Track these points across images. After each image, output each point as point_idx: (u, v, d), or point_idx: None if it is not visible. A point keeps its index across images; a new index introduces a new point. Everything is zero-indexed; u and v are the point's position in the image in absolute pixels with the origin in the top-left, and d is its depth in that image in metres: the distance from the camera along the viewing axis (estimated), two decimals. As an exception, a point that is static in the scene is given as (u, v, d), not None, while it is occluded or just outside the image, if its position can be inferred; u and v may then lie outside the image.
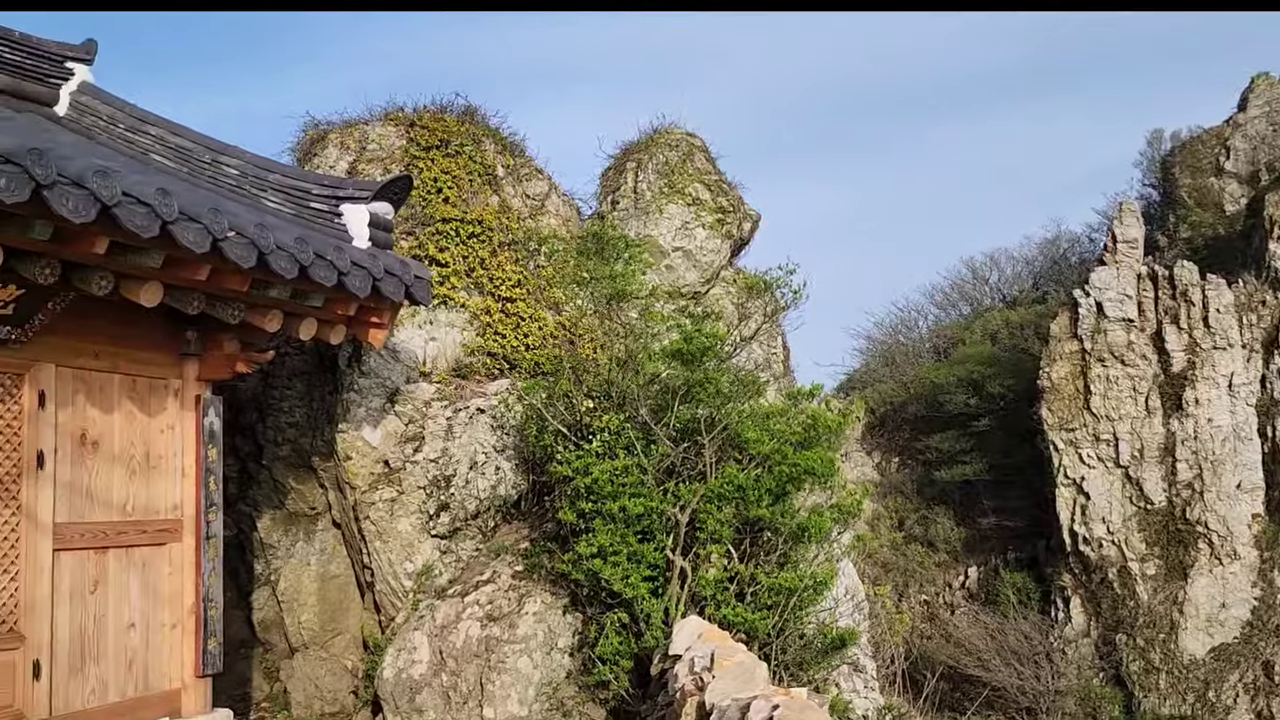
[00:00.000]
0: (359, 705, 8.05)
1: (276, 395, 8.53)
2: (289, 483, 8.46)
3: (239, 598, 8.50)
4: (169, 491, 6.44)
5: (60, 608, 5.66)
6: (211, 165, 7.34)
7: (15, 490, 5.50)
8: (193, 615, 6.40)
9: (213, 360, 6.65)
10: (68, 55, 7.87)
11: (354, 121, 9.64)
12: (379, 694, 7.52)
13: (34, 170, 4.45)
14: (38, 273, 5.04)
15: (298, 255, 5.89)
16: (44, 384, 5.69)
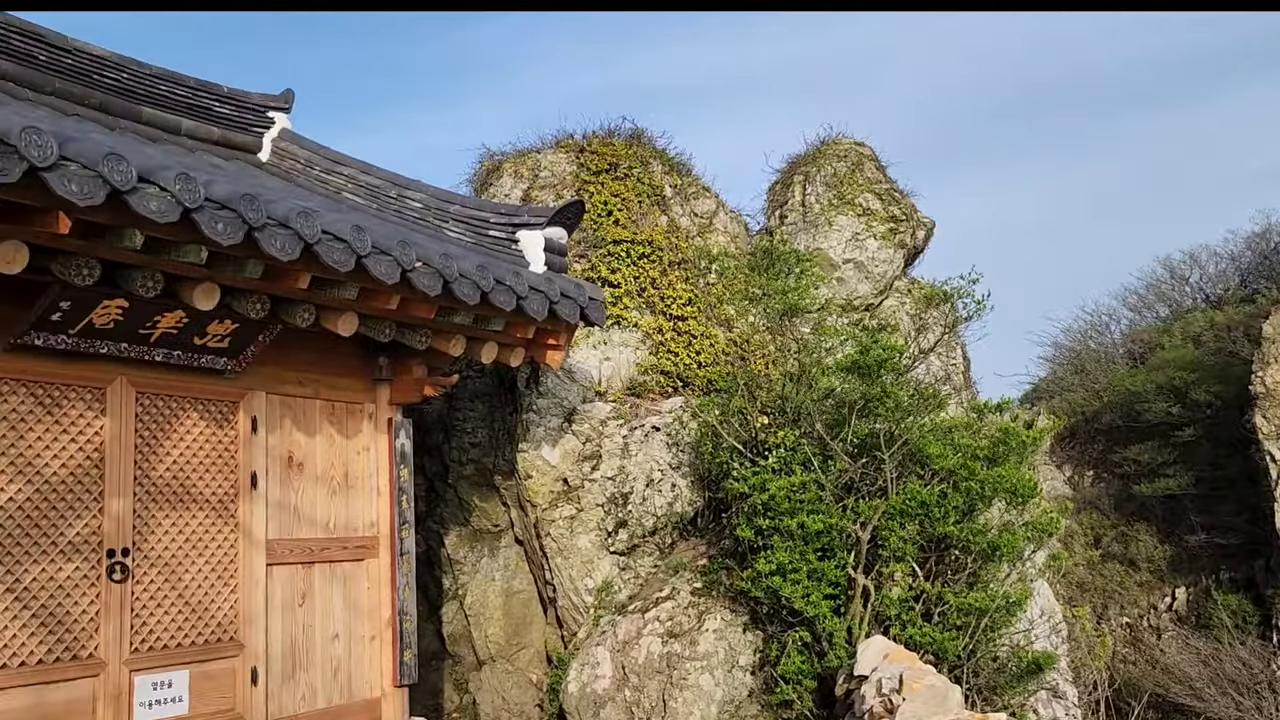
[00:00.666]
0: (544, 718, 8.25)
1: (460, 417, 8.89)
2: (474, 501, 8.79)
3: (430, 611, 8.89)
4: (366, 509, 6.82)
5: (273, 619, 6.07)
6: (398, 200, 7.76)
7: (233, 509, 5.95)
8: (389, 627, 6.73)
9: (402, 384, 7.01)
10: (269, 105, 8.51)
11: (526, 150, 9.98)
12: (564, 707, 7.68)
13: (246, 214, 4.81)
14: (250, 308, 5.44)
15: (479, 282, 6.14)
16: (256, 410, 6.14)
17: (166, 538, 5.58)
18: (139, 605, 5.39)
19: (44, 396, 5.14)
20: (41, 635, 4.96)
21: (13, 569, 4.89)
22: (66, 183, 4.13)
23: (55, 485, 5.12)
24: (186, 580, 5.64)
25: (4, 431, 4.95)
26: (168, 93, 7.76)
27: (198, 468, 5.80)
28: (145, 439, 5.56)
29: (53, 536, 5.07)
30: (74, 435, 5.23)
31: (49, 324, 4.97)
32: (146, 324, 5.32)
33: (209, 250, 4.87)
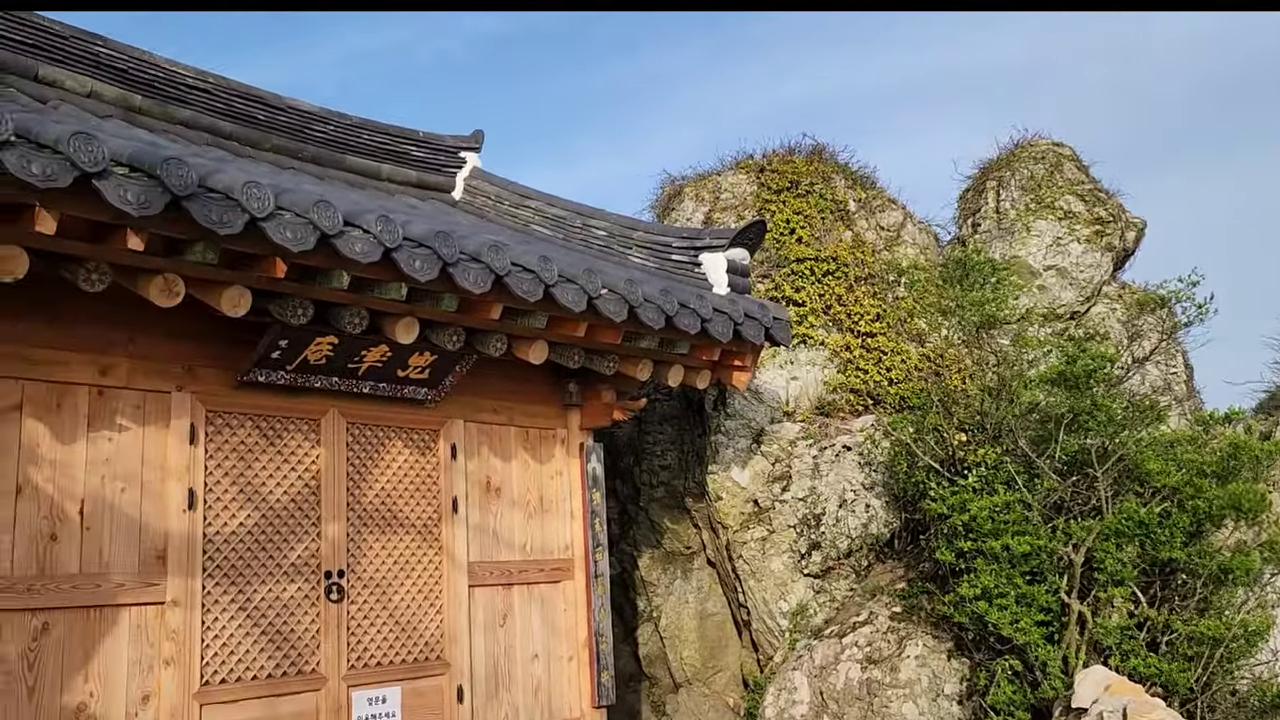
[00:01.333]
0: (743, 743, 8.17)
1: (650, 440, 8.98)
2: (665, 523, 8.85)
3: (626, 633, 8.99)
4: (561, 532, 6.98)
5: (476, 638, 6.29)
6: (583, 229, 7.96)
7: (437, 533, 6.22)
8: (586, 649, 6.85)
9: (592, 409, 7.15)
10: (461, 146, 8.93)
11: (707, 174, 10.03)
12: (761, 733, 7.57)
13: (441, 251, 5.05)
14: (447, 340, 5.70)
15: (663, 306, 6.19)
16: (455, 438, 6.42)
17: (377, 560, 5.89)
18: (354, 624, 5.71)
19: (267, 429, 5.55)
20: (270, 651, 5.34)
21: (244, 589, 5.29)
22: (282, 230, 4.46)
23: (279, 511, 5.51)
24: (396, 600, 5.94)
25: (234, 462, 5.38)
26: (369, 141, 8.28)
27: (403, 493, 6.11)
28: (356, 466, 5.90)
29: (277, 559, 5.46)
30: (294, 464, 5.62)
31: (270, 361, 5.37)
32: (354, 358, 5.66)
33: (408, 286, 5.13)
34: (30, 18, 6.58)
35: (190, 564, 5.08)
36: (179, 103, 7.10)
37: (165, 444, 5.12)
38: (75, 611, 4.71)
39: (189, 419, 5.21)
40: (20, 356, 4.71)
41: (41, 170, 3.78)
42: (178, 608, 5.00)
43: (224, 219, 4.27)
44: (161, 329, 5.15)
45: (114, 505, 4.91)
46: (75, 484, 4.80)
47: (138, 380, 5.07)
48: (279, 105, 7.79)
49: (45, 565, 4.64)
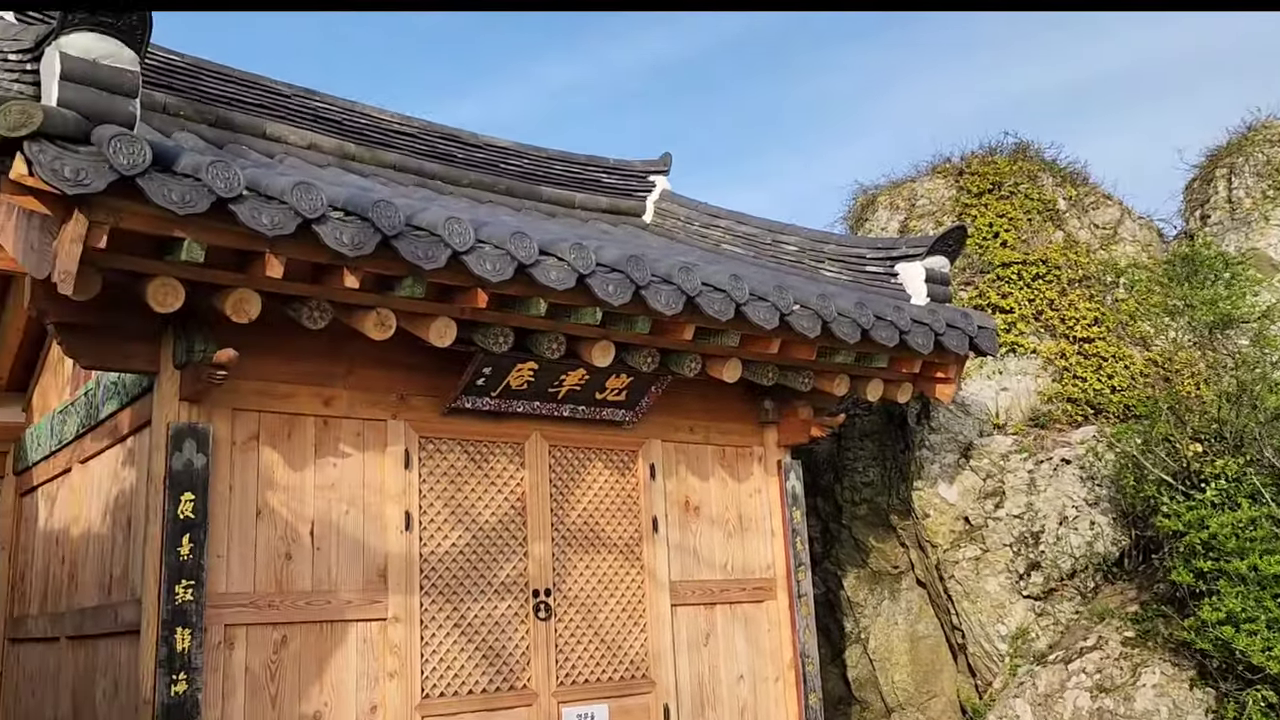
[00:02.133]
0: (961, 773, 7.79)
1: (850, 456, 8.77)
2: (869, 541, 8.60)
3: (833, 655, 8.78)
4: (761, 551, 6.91)
5: (680, 657, 6.31)
6: (773, 246, 7.90)
7: (638, 552, 6.30)
8: (792, 669, 6.74)
9: (789, 426, 7.05)
10: (649, 170, 9.07)
11: (901, 181, 9.74)
12: (981, 763, 7.20)
13: (633, 275, 5.14)
14: (642, 362, 5.78)
15: (858, 320, 6.05)
16: (653, 458, 6.49)
17: (581, 579, 6.03)
18: (561, 642, 5.86)
19: (474, 453, 5.80)
20: (484, 666, 5.55)
21: (458, 606, 5.53)
22: (482, 262, 4.67)
23: (488, 531, 5.74)
24: (601, 619, 6.05)
25: (445, 485, 5.65)
26: (562, 171, 8.55)
27: (605, 513, 6.22)
28: (558, 488, 6.07)
29: (488, 577, 5.68)
30: (500, 486, 5.84)
31: (475, 388, 5.62)
32: (554, 383, 5.83)
33: (603, 311, 5.25)
34: (260, 80, 7.21)
35: (409, 582, 5.37)
36: (386, 147, 7.58)
37: (383, 468, 5.44)
38: (309, 626, 5.06)
39: (404, 445, 5.52)
40: (260, 391, 5.13)
41: (270, 219, 4.12)
42: (399, 623, 5.29)
43: (429, 254, 4.51)
44: (376, 361, 5.49)
45: (339, 527, 5.25)
46: (305, 507, 5.18)
47: (357, 409, 5.42)
48: (475, 143, 8.18)
49: (282, 582, 5.03)
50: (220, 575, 4.84)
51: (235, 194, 4.02)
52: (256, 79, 7.17)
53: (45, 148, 3.67)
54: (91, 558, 5.86)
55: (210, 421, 4.89)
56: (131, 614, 4.95)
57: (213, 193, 3.96)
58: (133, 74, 3.99)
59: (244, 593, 4.89)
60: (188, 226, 4.07)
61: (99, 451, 5.90)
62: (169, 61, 6.72)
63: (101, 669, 5.44)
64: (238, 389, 5.02)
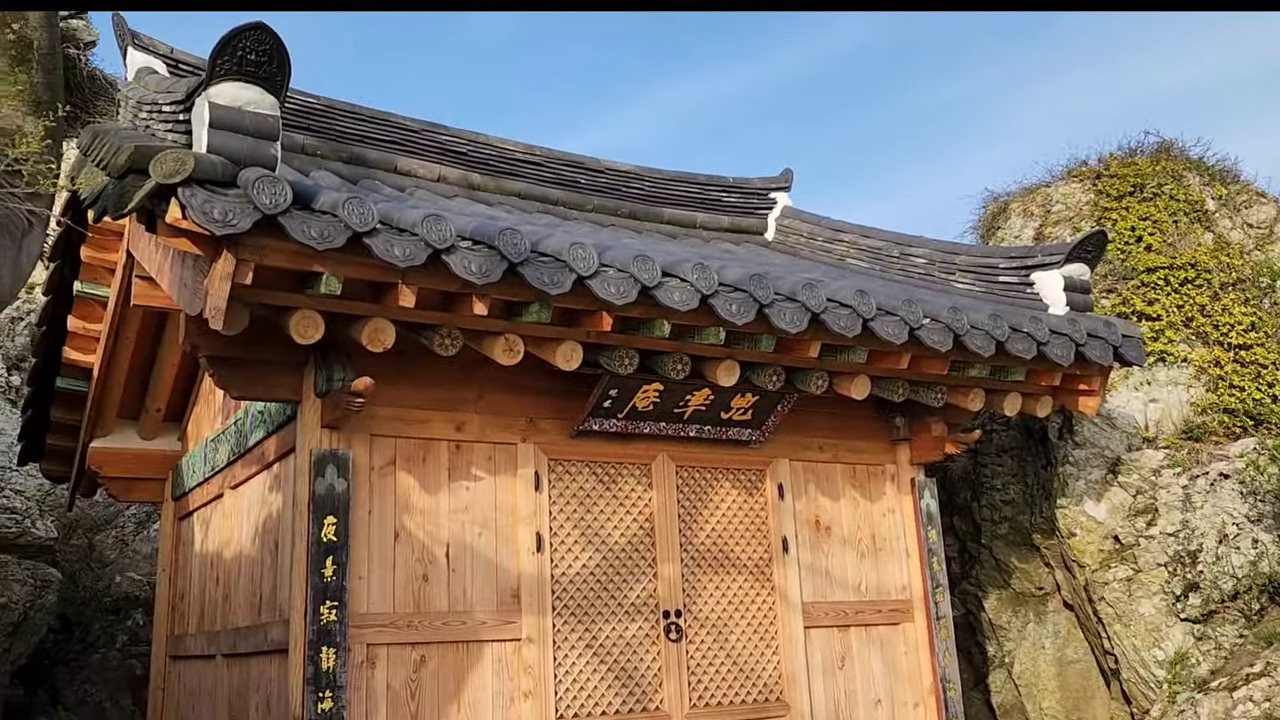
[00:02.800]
0: (1118, 807, 7.38)
1: (988, 473, 8.47)
2: (1011, 562, 8.27)
3: (975, 680, 8.46)
4: (896, 572, 6.73)
5: (815, 681, 6.19)
6: (900, 259, 7.73)
7: (769, 573, 6.22)
8: (932, 695, 6.52)
9: (921, 444, 6.86)
10: (770, 187, 9.02)
11: (1034, 187, 9.40)
12: (1140, 797, 6.80)
13: (756, 293, 5.10)
14: (767, 380, 5.72)
15: (993, 332, 5.85)
16: (781, 477, 6.40)
17: (711, 600, 5.98)
18: (693, 663, 5.82)
19: (603, 475, 5.85)
20: (616, 688, 5.56)
21: (589, 627, 5.57)
22: (606, 286, 4.72)
23: (617, 552, 5.76)
24: (732, 641, 5.99)
25: (575, 506, 5.71)
26: (682, 192, 8.58)
27: (733, 534, 6.17)
28: (686, 508, 6.05)
29: (618, 599, 5.70)
30: (628, 507, 5.87)
31: (602, 410, 5.67)
32: (679, 404, 5.83)
33: (726, 330, 5.23)
34: (390, 117, 7.49)
35: (541, 603, 5.43)
36: (511, 176, 7.76)
37: (514, 491, 5.54)
38: (446, 646, 5.18)
39: (534, 467, 5.60)
40: (395, 418, 5.30)
41: (402, 251, 4.27)
42: (532, 644, 5.35)
43: (554, 279, 4.59)
44: (505, 386, 5.60)
45: (473, 548, 5.37)
46: (440, 529, 5.31)
47: (488, 434, 5.54)
48: (597, 168, 8.29)
49: (420, 603, 5.16)
50: (361, 596, 5.00)
51: (369, 228, 4.17)
52: (387, 116, 7.46)
53: (196, 192, 3.89)
54: (243, 579, 6.15)
55: (350, 447, 5.07)
56: (280, 634, 5.17)
57: (349, 227, 4.12)
58: (274, 118, 4.20)
59: (384, 613, 5.05)
60: (326, 261, 4.25)
61: (248, 477, 6.20)
62: (307, 104, 7.05)
63: (254, 686, 5.69)
64: (375, 416, 5.20)
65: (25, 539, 8.60)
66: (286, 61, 4.18)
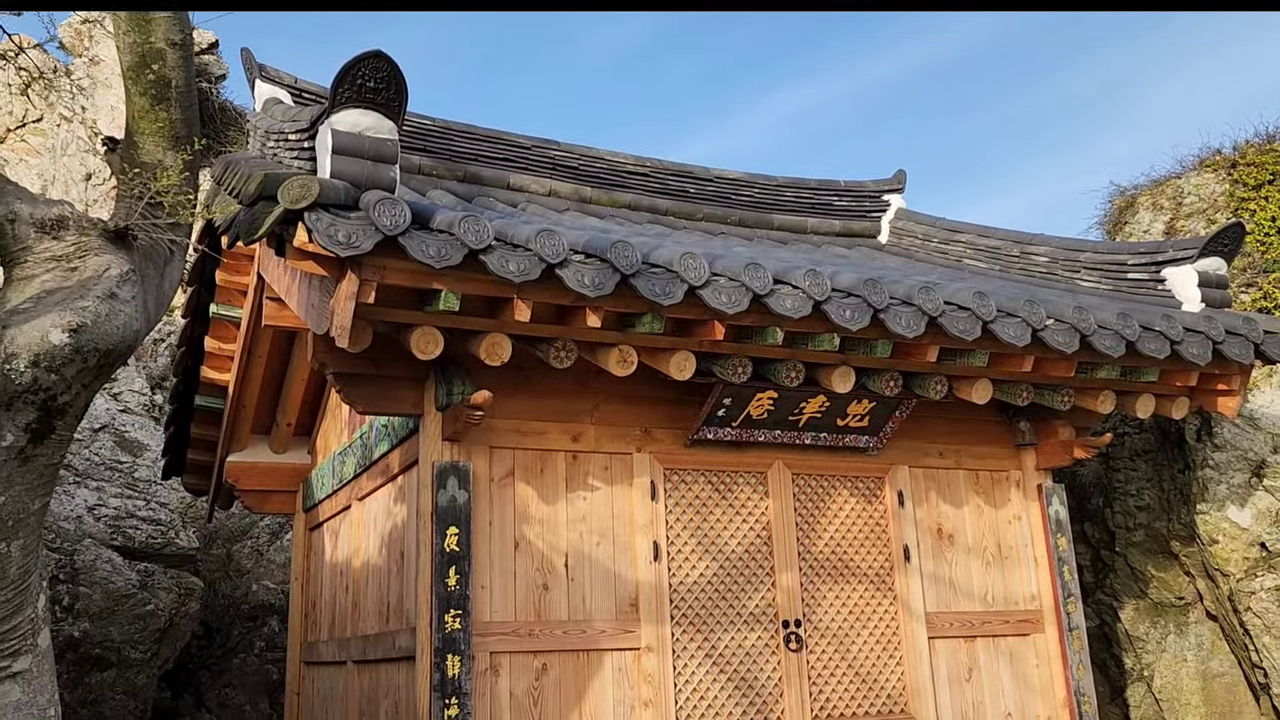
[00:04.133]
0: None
1: (1121, 478, 8.12)
2: (1148, 570, 7.90)
3: (1111, 694, 8.11)
4: (1024, 582, 6.51)
5: (940, 693, 6.03)
6: (1021, 258, 7.49)
7: (890, 582, 6.10)
8: (1065, 708, 6.28)
9: (1048, 448, 6.62)
10: (883, 190, 8.86)
11: (1163, 179, 8.98)
12: (1297, 821, 6.40)
13: (871, 299, 5.01)
14: (883, 386, 5.61)
15: (1122, 332, 5.61)
16: (900, 484, 6.28)
17: (831, 610, 5.90)
18: (814, 674, 5.75)
19: (718, 483, 5.83)
20: (736, 698, 5.53)
21: (708, 636, 5.56)
22: (718, 295, 4.71)
23: (734, 561, 5.74)
24: (854, 651, 5.89)
25: (691, 515, 5.71)
26: (793, 198, 8.51)
27: (852, 542, 6.07)
28: (804, 516, 5.98)
29: (736, 608, 5.67)
30: (744, 515, 5.83)
31: (716, 419, 5.66)
32: (794, 411, 5.78)
33: (840, 336, 5.16)
34: (502, 135, 7.65)
35: (659, 612, 5.45)
36: (621, 188, 7.83)
37: (630, 501, 5.57)
38: (567, 655, 5.24)
39: (649, 477, 5.63)
40: (514, 430, 5.40)
41: (517, 266, 4.35)
42: (651, 653, 5.37)
43: (666, 290, 4.60)
44: (619, 396, 5.65)
45: (591, 558, 5.42)
46: (559, 539, 5.38)
47: (604, 444, 5.59)
48: (706, 177, 8.29)
49: (541, 612, 5.24)
50: (484, 605, 5.11)
51: (485, 245, 4.27)
52: (499, 134, 7.62)
53: (321, 216, 4.05)
54: (371, 588, 6.36)
55: (470, 459, 5.19)
56: (407, 641, 5.32)
57: (465, 245, 4.22)
58: (393, 142, 4.34)
59: (506, 622, 5.14)
60: (444, 278, 4.37)
61: (374, 489, 6.41)
62: (423, 126, 7.27)
63: (384, 692, 5.86)
64: (493, 428, 5.31)
65: (170, 549, 9.08)
66: (403, 87, 4.31)
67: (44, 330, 3.30)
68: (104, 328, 3.42)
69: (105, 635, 8.26)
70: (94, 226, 3.60)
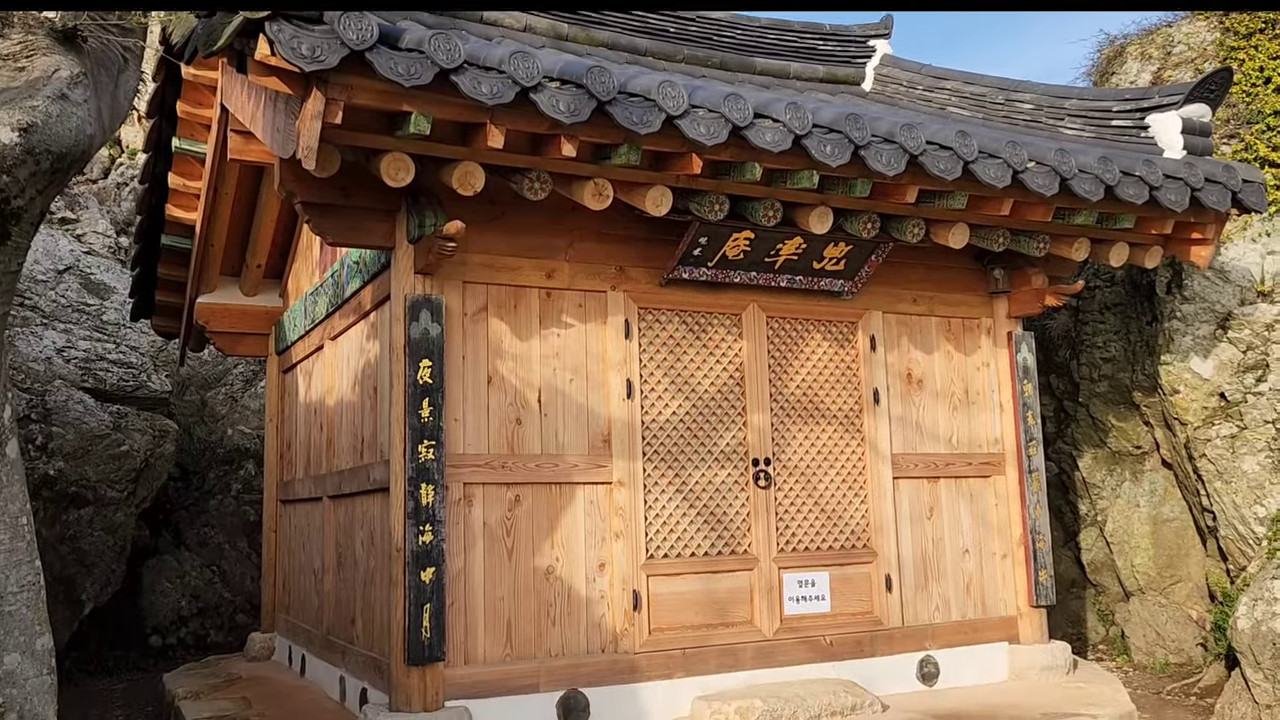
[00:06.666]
0: (1208, 658, 7.36)
1: (1089, 330, 8.22)
2: (1108, 420, 8.09)
3: (1065, 537, 8.42)
4: (988, 426, 6.65)
5: (902, 530, 6.23)
6: (1005, 105, 7.35)
7: (858, 424, 6.21)
8: (1021, 546, 6.51)
9: (1020, 296, 6.66)
10: (869, 35, 8.60)
11: (1154, 28, 8.78)
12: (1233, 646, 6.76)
13: (851, 134, 4.92)
14: (861, 228, 5.57)
15: (1102, 176, 5.57)
16: (873, 329, 6.31)
17: (800, 449, 6.01)
18: (781, 510, 5.90)
19: (692, 324, 5.84)
20: (705, 531, 5.68)
21: (679, 473, 5.66)
22: (696, 125, 4.60)
23: (706, 400, 5.80)
24: (820, 489, 6.03)
25: (665, 355, 5.73)
26: (776, 40, 8.24)
27: (823, 384, 6.15)
28: (776, 359, 6.03)
29: (708, 446, 5.76)
30: (718, 357, 5.87)
31: (692, 259, 5.62)
32: (770, 252, 5.74)
33: (820, 174, 5.08)
34: (474, -35, 7.29)
35: (632, 448, 5.53)
36: (599, 25, 7.53)
37: (604, 339, 5.58)
38: (539, 487, 5.33)
39: (624, 315, 5.62)
40: (487, 265, 5.34)
41: (489, 89, 4.20)
42: (623, 487, 5.48)
43: (643, 119, 4.48)
44: (594, 234, 5.58)
45: (564, 394, 5.46)
46: (533, 375, 5.40)
47: (578, 281, 5.55)
48: (688, 17, 7.99)
49: (514, 445, 5.30)
50: (457, 438, 5.15)
51: (456, 64, 4.11)
52: (469, -37, 7.26)
53: (283, 27, 3.86)
54: (345, 425, 6.39)
55: (443, 293, 5.14)
56: (381, 473, 5.38)
57: (435, 64, 4.06)
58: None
59: (479, 454, 5.20)
60: (414, 100, 4.22)
61: (346, 328, 6.37)
62: (390, -49, 6.90)
63: (359, 523, 5.97)
64: (466, 263, 5.25)
65: (142, 392, 9.07)
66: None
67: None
68: (55, 129, 3.29)
69: (81, 474, 8.32)
70: (41, 25, 3.42)
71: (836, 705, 5.33)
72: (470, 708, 4.89)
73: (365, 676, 5.60)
